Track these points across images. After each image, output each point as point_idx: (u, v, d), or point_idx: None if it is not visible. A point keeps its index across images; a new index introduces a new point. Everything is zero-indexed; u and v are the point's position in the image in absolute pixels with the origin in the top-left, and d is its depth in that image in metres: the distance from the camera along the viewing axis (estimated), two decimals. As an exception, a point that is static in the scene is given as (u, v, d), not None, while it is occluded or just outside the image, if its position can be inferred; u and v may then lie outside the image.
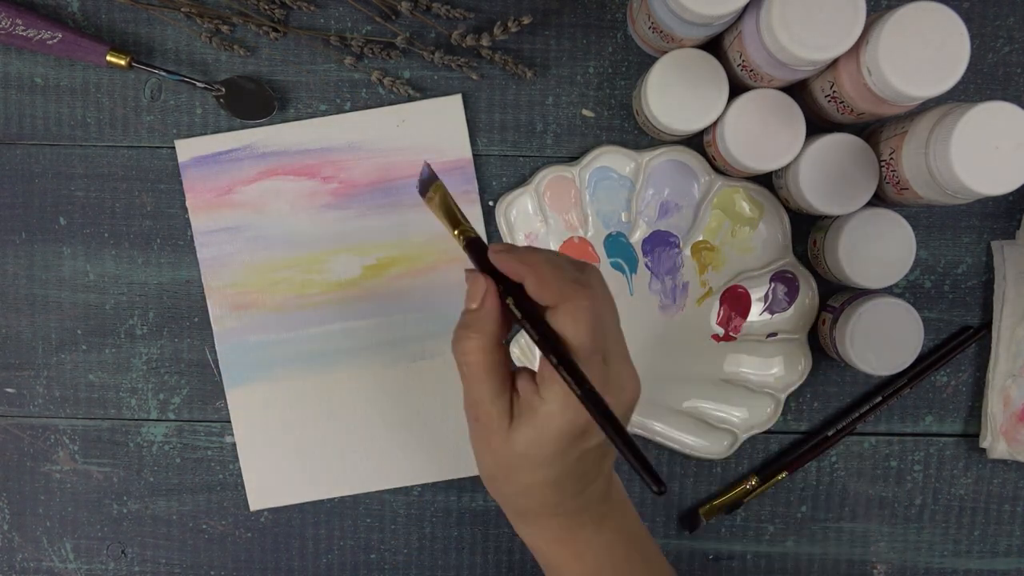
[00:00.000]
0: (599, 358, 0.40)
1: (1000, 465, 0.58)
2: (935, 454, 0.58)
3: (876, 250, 0.51)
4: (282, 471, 0.58)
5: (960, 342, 0.57)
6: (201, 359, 0.58)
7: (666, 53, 0.50)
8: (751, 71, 0.48)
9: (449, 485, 0.58)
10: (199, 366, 0.58)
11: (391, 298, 0.57)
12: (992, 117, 0.43)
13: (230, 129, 0.56)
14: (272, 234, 0.56)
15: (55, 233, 0.57)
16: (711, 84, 0.50)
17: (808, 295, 0.56)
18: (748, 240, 0.56)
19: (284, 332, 0.57)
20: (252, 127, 0.56)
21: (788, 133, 0.50)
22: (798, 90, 0.52)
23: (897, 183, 0.49)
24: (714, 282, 0.56)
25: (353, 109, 0.56)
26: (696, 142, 0.55)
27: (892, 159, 0.49)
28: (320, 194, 0.56)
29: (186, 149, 0.56)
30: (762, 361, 0.56)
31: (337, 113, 0.56)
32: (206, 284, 0.57)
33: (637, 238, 0.56)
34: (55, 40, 0.54)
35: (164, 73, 0.54)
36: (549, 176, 0.55)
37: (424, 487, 0.58)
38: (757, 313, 0.56)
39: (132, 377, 0.58)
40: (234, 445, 0.58)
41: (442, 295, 0.57)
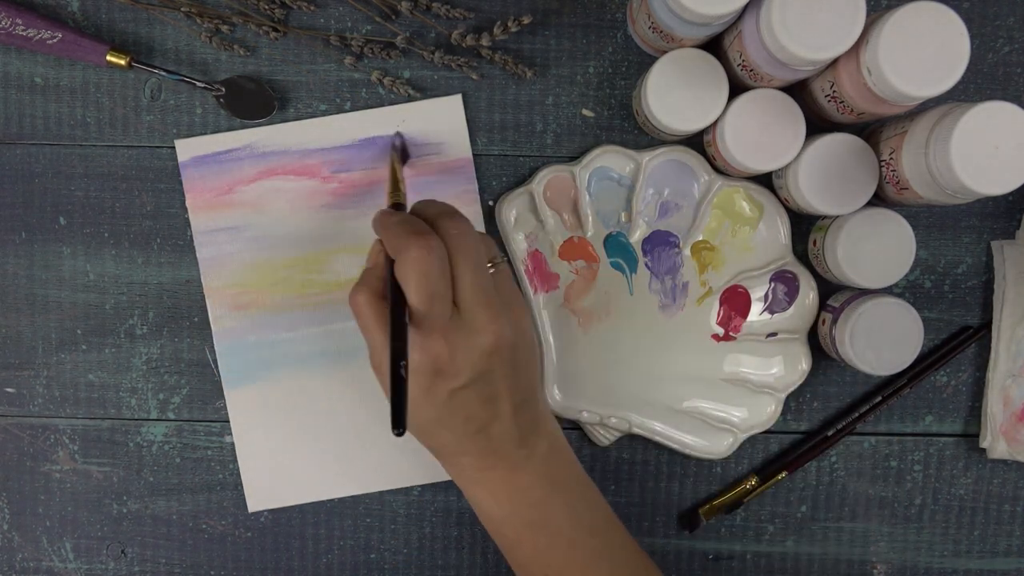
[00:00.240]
0: (443, 304, 0.43)
1: (1000, 465, 0.58)
2: (935, 454, 0.58)
3: (876, 250, 0.51)
4: (282, 471, 0.58)
5: (960, 342, 0.57)
6: (201, 359, 0.58)
7: (666, 53, 0.50)
8: (751, 71, 0.48)
9: (449, 485, 0.58)
10: (199, 366, 0.58)
11: (391, 298, 0.57)
12: (992, 117, 0.43)
13: (230, 129, 0.56)
14: (272, 234, 0.56)
15: (55, 233, 0.57)
16: (711, 84, 0.50)
17: (808, 295, 0.55)
18: (748, 240, 0.56)
19: (284, 332, 0.57)
20: (252, 127, 0.56)
21: (788, 133, 0.50)
22: (798, 90, 0.52)
23: (897, 183, 0.49)
24: (714, 282, 0.56)
25: (353, 109, 0.56)
26: (696, 142, 0.55)
27: (892, 159, 0.49)
28: (320, 194, 0.56)
29: (186, 149, 0.56)
30: (762, 361, 0.56)
31: (337, 113, 0.56)
32: (206, 284, 0.57)
33: (637, 238, 0.56)
34: (55, 40, 0.54)
35: (164, 73, 0.54)
36: (549, 176, 0.55)
37: (424, 487, 0.58)
38: (757, 313, 0.56)
39: (132, 377, 0.58)
40: (234, 445, 0.58)
41: (442, 295, 0.57)
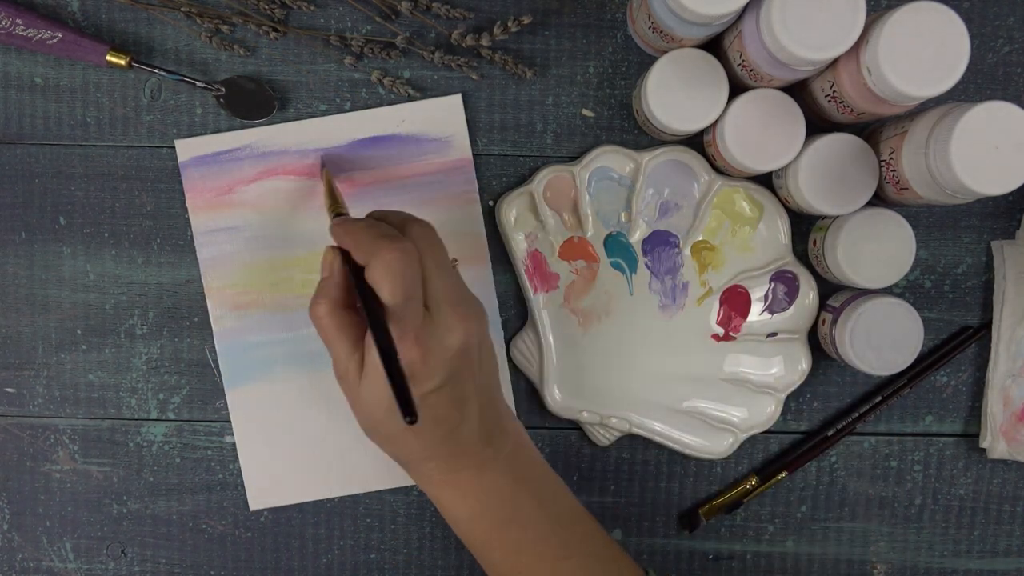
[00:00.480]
0: (415, 306, 0.43)
1: (1000, 465, 0.58)
2: (935, 454, 0.58)
3: (876, 250, 0.51)
4: (282, 471, 0.58)
5: (960, 342, 0.57)
6: (201, 359, 0.58)
7: (666, 53, 0.50)
8: (751, 71, 0.48)
9: (449, 485, 0.58)
10: (199, 366, 0.58)
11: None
12: (992, 117, 0.43)
13: (230, 129, 0.56)
14: (272, 234, 0.56)
15: (55, 233, 0.57)
16: (711, 84, 0.50)
17: (808, 295, 0.55)
18: (748, 240, 0.56)
19: (284, 332, 0.57)
20: (252, 127, 0.56)
21: (788, 133, 0.50)
22: (798, 90, 0.52)
23: (897, 183, 0.49)
24: (714, 282, 0.56)
25: (353, 109, 0.56)
26: (696, 142, 0.55)
27: (892, 159, 0.49)
28: (320, 194, 0.56)
29: (186, 149, 0.56)
30: (762, 361, 0.56)
31: (337, 113, 0.56)
32: (206, 284, 0.57)
33: (637, 238, 0.56)
34: (55, 40, 0.54)
35: (164, 73, 0.54)
36: (549, 176, 0.55)
37: (424, 487, 0.58)
38: (757, 313, 0.56)
39: (132, 377, 0.58)
40: (234, 445, 0.58)
41: (442, 295, 0.57)
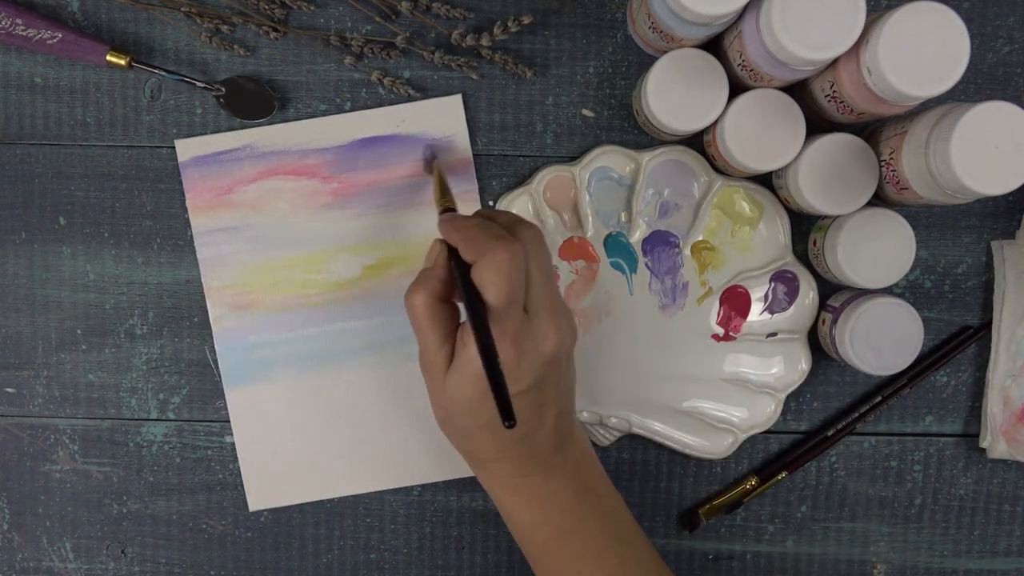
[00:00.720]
0: (517, 309, 0.43)
1: (1000, 465, 0.58)
2: (935, 454, 0.58)
3: (876, 250, 0.51)
4: (282, 471, 0.58)
5: (960, 342, 0.57)
6: (201, 359, 0.58)
7: (666, 53, 0.50)
8: (751, 71, 0.48)
9: (449, 485, 0.58)
10: (199, 366, 0.58)
11: (391, 298, 0.57)
12: (992, 117, 0.43)
13: (230, 129, 0.56)
14: (272, 234, 0.56)
15: (55, 233, 0.57)
16: (711, 84, 0.50)
17: (808, 295, 0.55)
18: (748, 240, 0.56)
19: (284, 332, 0.57)
20: (252, 127, 0.56)
21: (788, 133, 0.50)
22: (798, 90, 0.52)
23: (897, 183, 0.49)
24: (714, 282, 0.56)
25: (353, 109, 0.56)
26: (696, 142, 0.55)
27: (892, 159, 0.49)
28: (320, 194, 0.56)
29: (186, 149, 0.56)
30: (762, 361, 0.56)
31: (337, 113, 0.56)
32: (206, 284, 0.57)
33: (637, 238, 0.56)
34: (55, 40, 0.54)
35: (164, 73, 0.54)
36: (549, 176, 0.55)
37: (424, 487, 0.58)
38: (757, 313, 0.56)
39: (132, 377, 0.58)
40: (234, 445, 0.58)
41: (442, 295, 0.57)
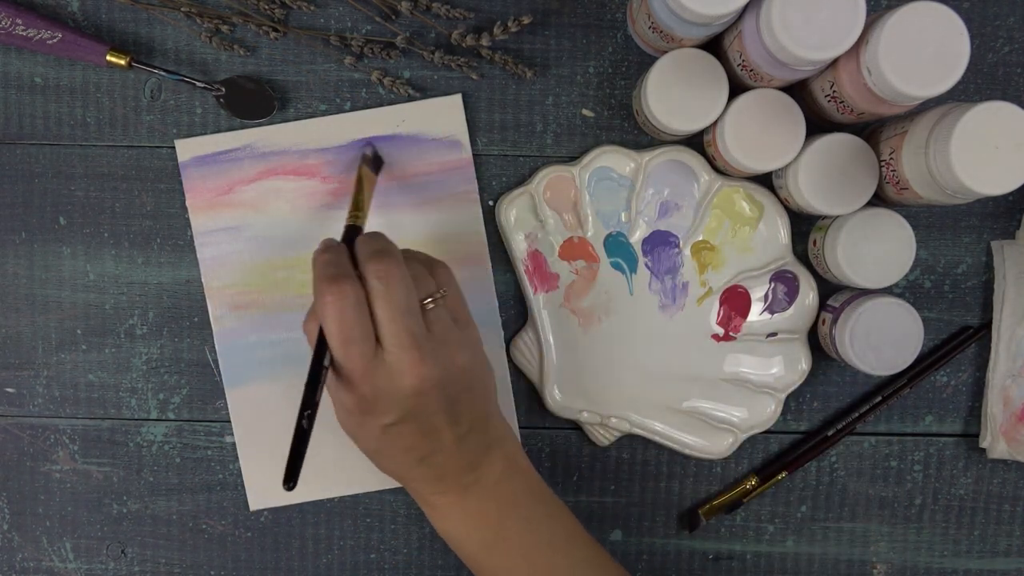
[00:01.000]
0: (359, 347, 0.43)
1: (1000, 465, 0.58)
2: (935, 454, 0.58)
3: (876, 250, 0.51)
4: (282, 471, 0.58)
5: (960, 342, 0.57)
6: (201, 359, 0.58)
7: (666, 53, 0.50)
8: (751, 71, 0.48)
9: (449, 485, 0.58)
10: (199, 366, 0.58)
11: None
12: (992, 117, 0.43)
13: (230, 129, 0.56)
14: (272, 234, 0.56)
15: (55, 233, 0.57)
16: (711, 84, 0.50)
17: (808, 295, 0.55)
18: (748, 240, 0.56)
19: (284, 332, 0.57)
20: (252, 127, 0.56)
21: (788, 133, 0.50)
22: (798, 90, 0.52)
23: (897, 183, 0.49)
24: (714, 282, 0.56)
25: (353, 109, 0.56)
26: (696, 142, 0.55)
27: (892, 159, 0.49)
28: (320, 194, 0.56)
29: (186, 149, 0.56)
30: (762, 361, 0.56)
31: (337, 113, 0.56)
32: (206, 284, 0.57)
33: (637, 238, 0.56)
34: (55, 40, 0.54)
35: (164, 73, 0.54)
36: (549, 176, 0.55)
37: (424, 487, 0.58)
38: (757, 313, 0.56)
39: (132, 377, 0.58)
40: (234, 445, 0.58)
41: (442, 295, 0.57)
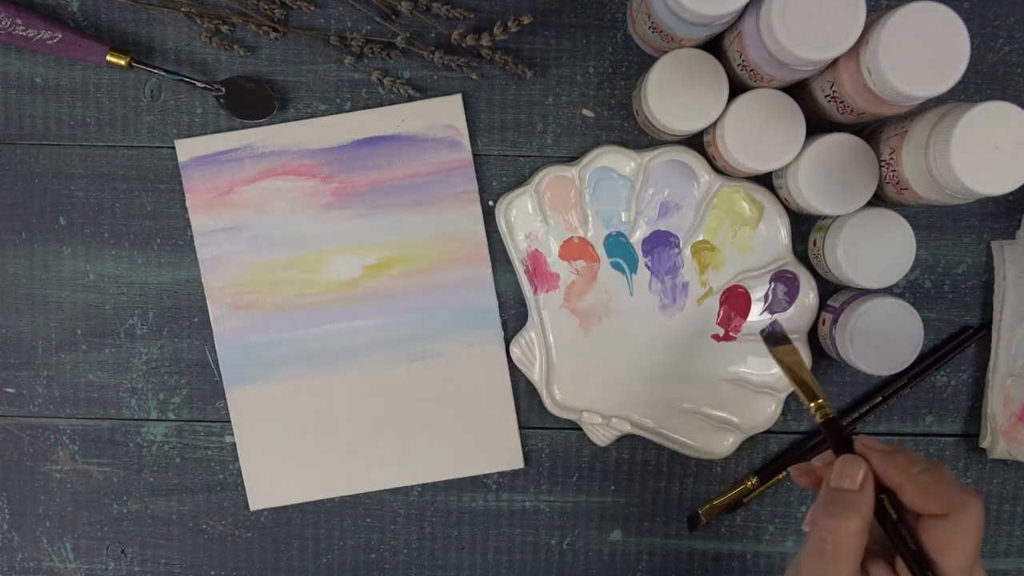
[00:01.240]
0: (968, 572, 0.38)
1: (1000, 465, 0.58)
2: (935, 454, 0.58)
3: (876, 250, 0.51)
4: (282, 471, 0.58)
5: (960, 342, 0.57)
6: (201, 359, 0.58)
7: (666, 53, 0.50)
8: (751, 71, 0.48)
9: (449, 485, 0.58)
10: (199, 366, 0.58)
11: (391, 298, 0.57)
12: (992, 117, 0.43)
13: (230, 129, 0.56)
14: (272, 234, 0.56)
15: (55, 233, 0.57)
16: (711, 84, 0.50)
17: (808, 295, 0.55)
18: (748, 240, 0.56)
19: (284, 332, 0.57)
20: (252, 127, 0.56)
21: (788, 133, 0.50)
22: (798, 90, 0.52)
23: (897, 183, 0.49)
24: (714, 282, 0.56)
25: (353, 109, 0.56)
26: (696, 142, 0.55)
27: (892, 159, 0.49)
28: (320, 194, 0.56)
29: (186, 149, 0.56)
30: (762, 361, 0.56)
31: (337, 113, 0.56)
32: (206, 284, 0.57)
33: (637, 238, 0.56)
34: (55, 40, 0.54)
35: (164, 73, 0.54)
36: (549, 176, 0.55)
37: (424, 487, 0.58)
38: (757, 313, 0.56)
39: (132, 377, 0.58)
40: (234, 445, 0.58)
41: (442, 295, 0.57)
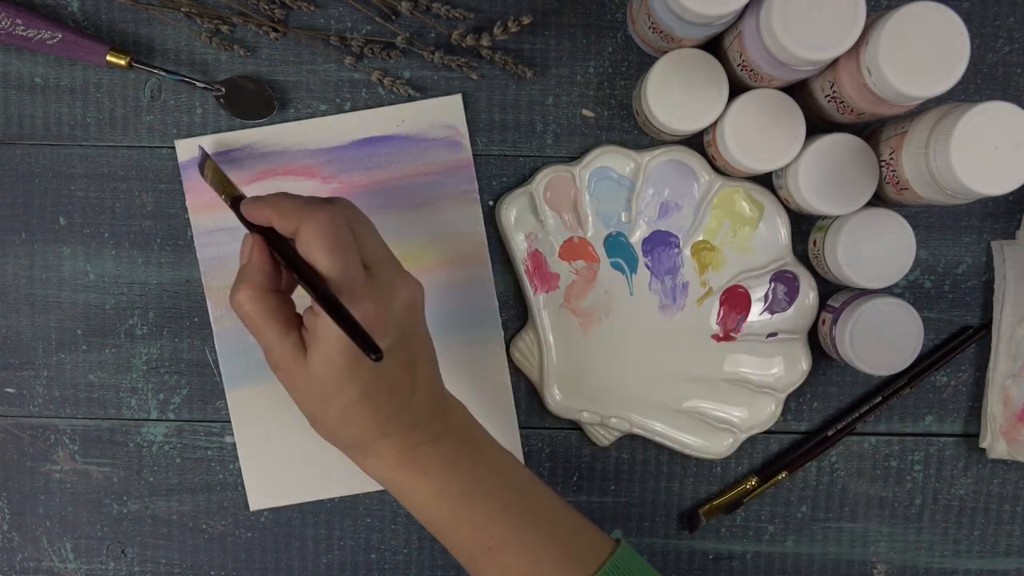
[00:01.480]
0: (356, 269, 0.42)
1: (1000, 465, 0.58)
2: (935, 454, 0.58)
3: (876, 250, 0.51)
4: (282, 471, 0.58)
5: (960, 342, 0.57)
6: (201, 359, 0.58)
7: (666, 53, 0.50)
8: (751, 71, 0.48)
9: (449, 485, 0.58)
10: (199, 366, 0.58)
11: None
12: (992, 117, 0.43)
13: (230, 129, 0.56)
14: (272, 234, 0.56)
15: (55, 233, 0.57)
16: (711, 84, 0.50)
17: (808, 295, 0.55)
18: (748, 240, 0.56)
19: (284, 332, 0.57)
20: (252, 127, 0.56)
21: (788, 133, 0.50)
22: (798, 90, 0.52)
23: (897, 183, 0.49)
24: (714, 282, 0.56)
25: (353, 109, 0.56)
26: (696, 142, 0.55)
27: (892, 159, 0.49)
28: (320, 194, 0.56)
29: (186, 149, 0.56)
30: (762, 361, 0.56)
31: (337, 113, 0.56)
32: (206, 284, 0.57)
33: (637, 238, 0.56)
34: (55, 40, 0.54)
35: (164, 73, 0.54)
36: (549, 176, 0.55)
37: (424, 487, 0.58)
38: (757, 313, 0.56)
39: (132, 377, 0.58)
40: (234, 445, 0.58)
41: (442, 295, 0.57)
